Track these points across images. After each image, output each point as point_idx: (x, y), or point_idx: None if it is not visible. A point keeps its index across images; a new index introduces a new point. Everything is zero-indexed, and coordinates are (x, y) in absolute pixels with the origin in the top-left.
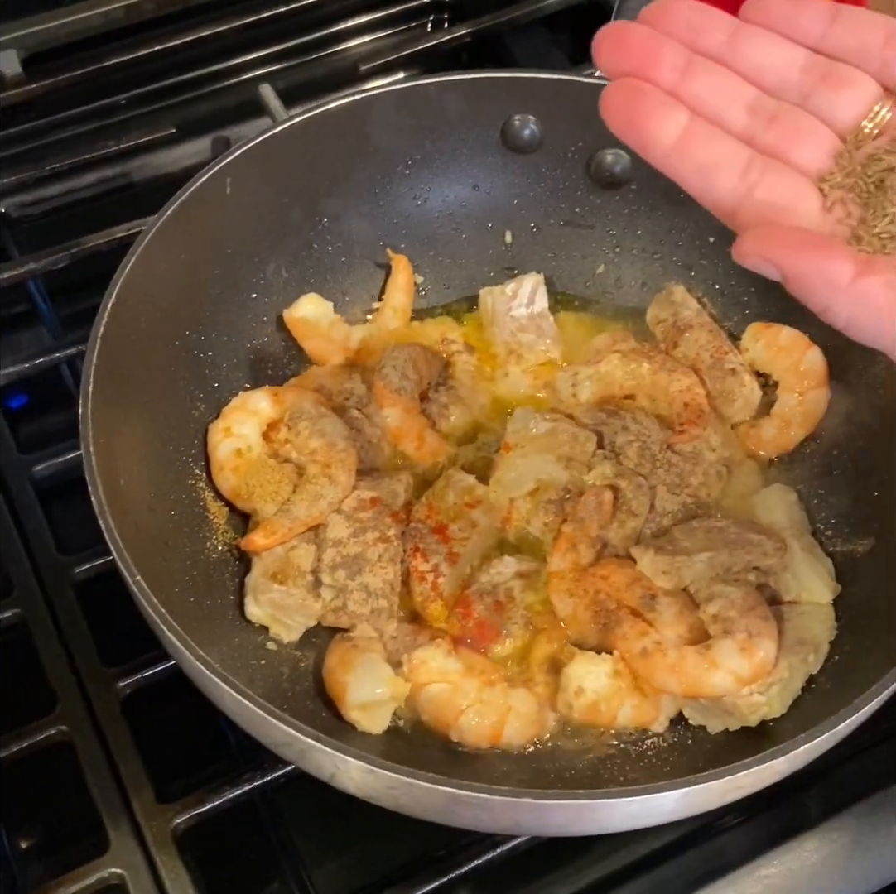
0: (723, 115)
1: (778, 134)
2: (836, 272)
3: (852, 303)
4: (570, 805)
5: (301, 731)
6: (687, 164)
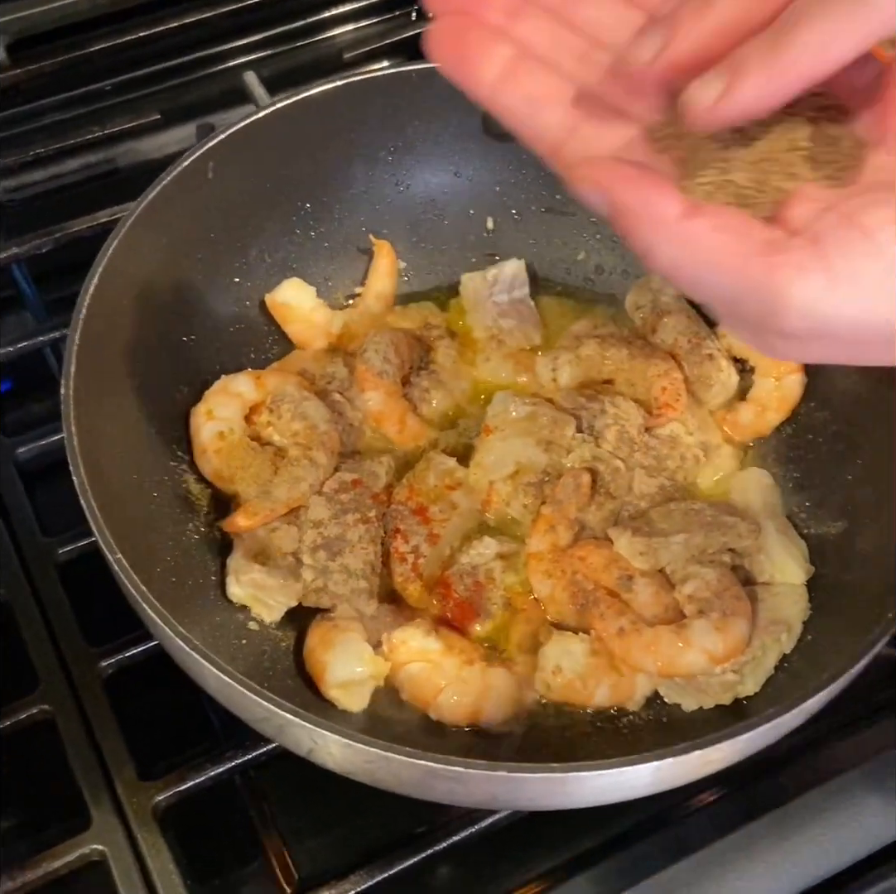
0: (551, 58)
1: (610, 81)
2: (665, 208)
3: (677, 243)
4: (543, 778)
5: (279, 706)
6: (512, 95)
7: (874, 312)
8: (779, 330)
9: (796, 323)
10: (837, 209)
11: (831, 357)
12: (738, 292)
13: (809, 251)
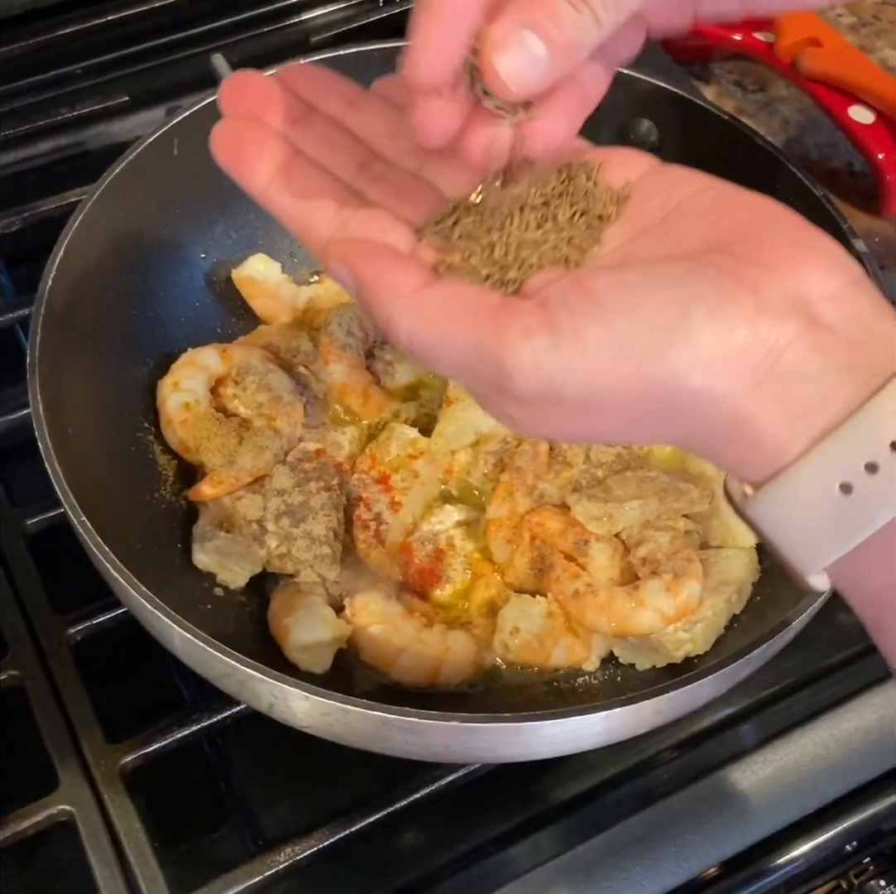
0: (328, 163)
1: (383, 191)
2: (402, 280)
3: (412, 312)
4: (495, 727)
5: (240, 661)
6: (284, 193)
7: (604, 376)
8: (512, 394)
9: (526, 385)
10: (568, 276)
11: (578, 430)
12: (471, 358)
13: (536, 313)
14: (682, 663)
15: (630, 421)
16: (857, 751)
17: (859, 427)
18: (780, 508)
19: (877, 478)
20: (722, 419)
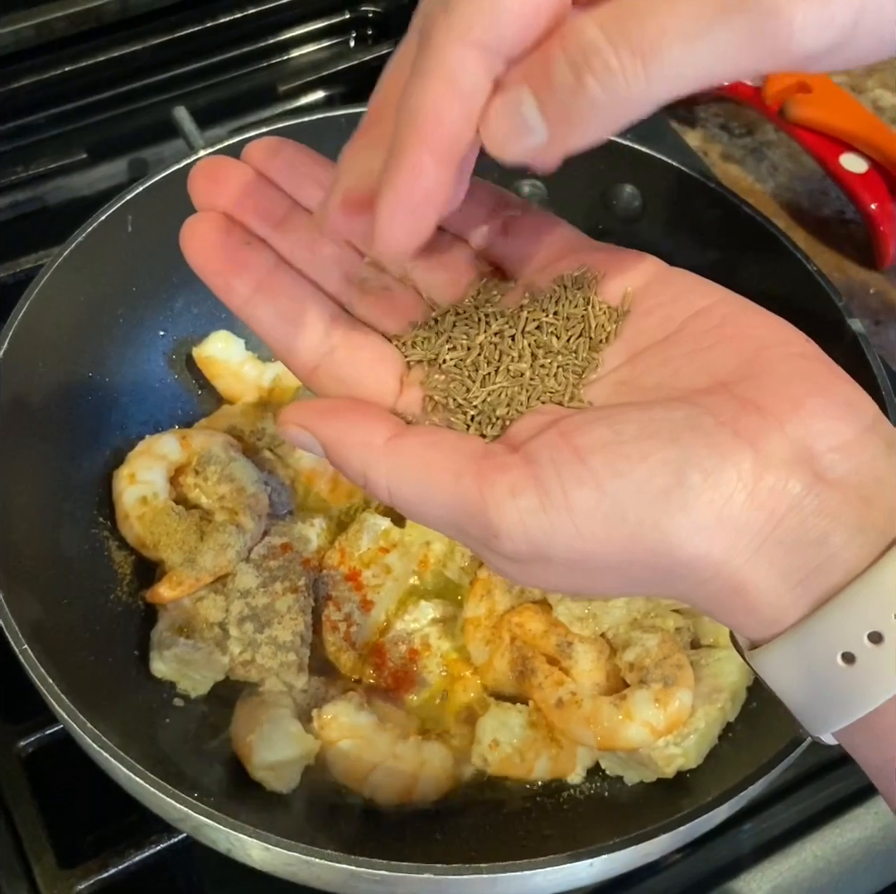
0: (314, 273)
1: (372, 305)
2: (371, 433)
3: (388, 463)
4: (470, 879)
5: (193, 808)
6: (267, 310)
7: (594, 541)
8: (500, 552)
9: (512, 546)
10: (558, 425)
11: (572, 586)
12: (457, 515)
13: (522, 469)
14: (674, 778)
15: (625, 581)
16: (861, 865)
17: (863, 593)
18: (782, 669)
19: (882, 649)
20: (718, 584)
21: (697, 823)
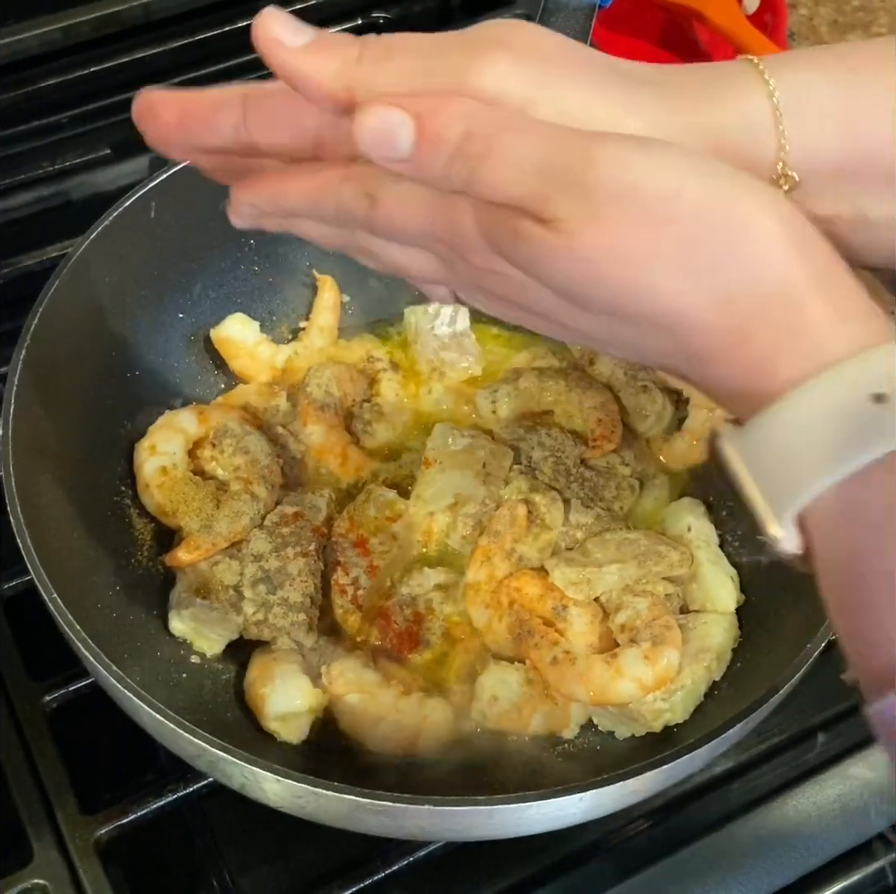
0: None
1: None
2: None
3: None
4: (468, 810)
5: (210, 743)
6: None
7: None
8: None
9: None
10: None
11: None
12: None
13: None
14: (662, 732)
15: (684, 254)
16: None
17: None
18: (785, 427)
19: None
20: (776, 288)
21: (680, 763)
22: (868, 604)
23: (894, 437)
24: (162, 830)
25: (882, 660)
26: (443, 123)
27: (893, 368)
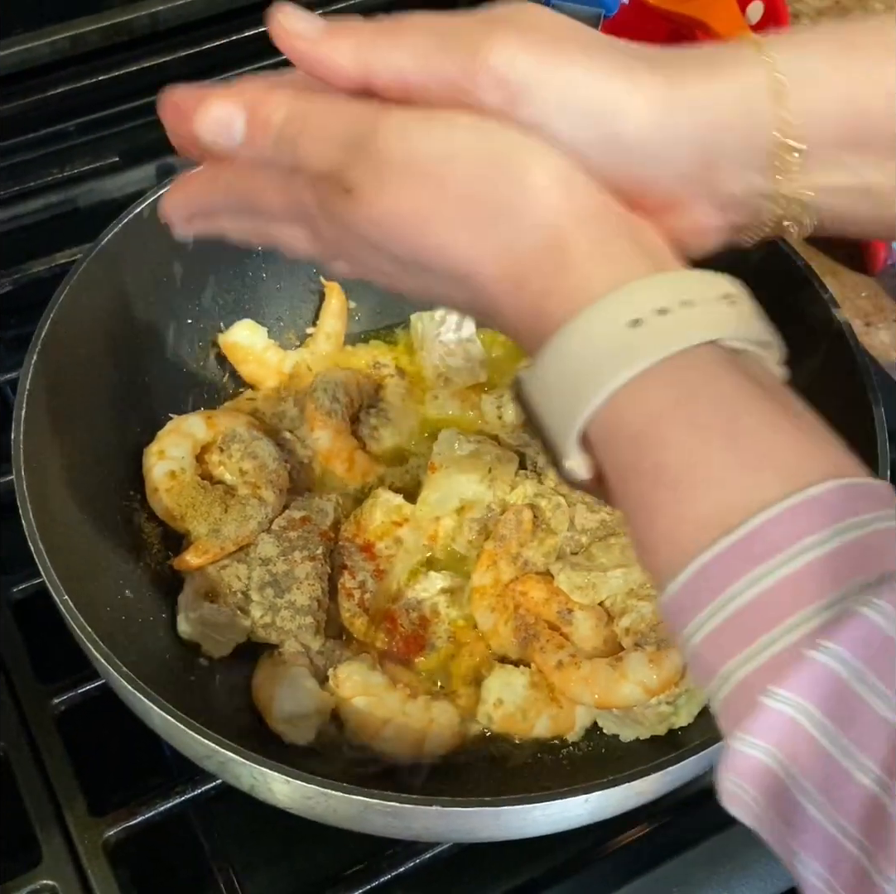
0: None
1: None
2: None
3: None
4: (475, 811)
5: (219, 744)
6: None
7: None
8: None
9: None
10: None
11: (411, 215)
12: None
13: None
14: (667, 735)
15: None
16: None
17: (656, 281)
18: (560, 360)
19: (666, 318)
20: (544, 235)
21: (686, 765)
22: (641, 505)
23: (647, 356)
24: (170, 832)
25: (660, 557)
26: (267, 110)
27: (645, 297)
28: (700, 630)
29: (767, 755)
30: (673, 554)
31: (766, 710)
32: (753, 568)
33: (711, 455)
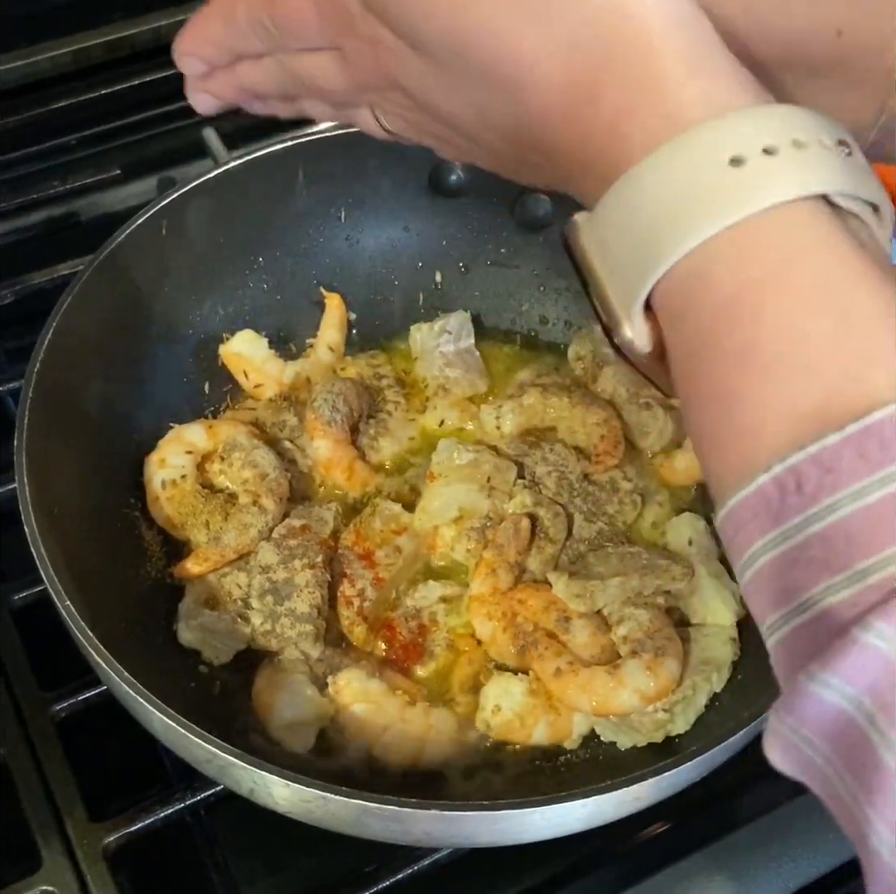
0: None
1: None
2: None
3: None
4: (473, 815)
5: (220, 748)
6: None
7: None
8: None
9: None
10: None
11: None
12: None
13: None
14: (664, 742)
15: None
16: None
17: (764, 112)
18: (636, 201)
19: (774, 159)
20: (627, 34)
21: (682, 770)
22: (719, 389)
23: (749, 203)
24: (169, 838)
25: (734, 453)
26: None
27: (752, 130)
28: (777, 546)
29: (851, 701)
30: (754, 450)
31: (861, 647)
32: (861, 478)
33: (818, 337)
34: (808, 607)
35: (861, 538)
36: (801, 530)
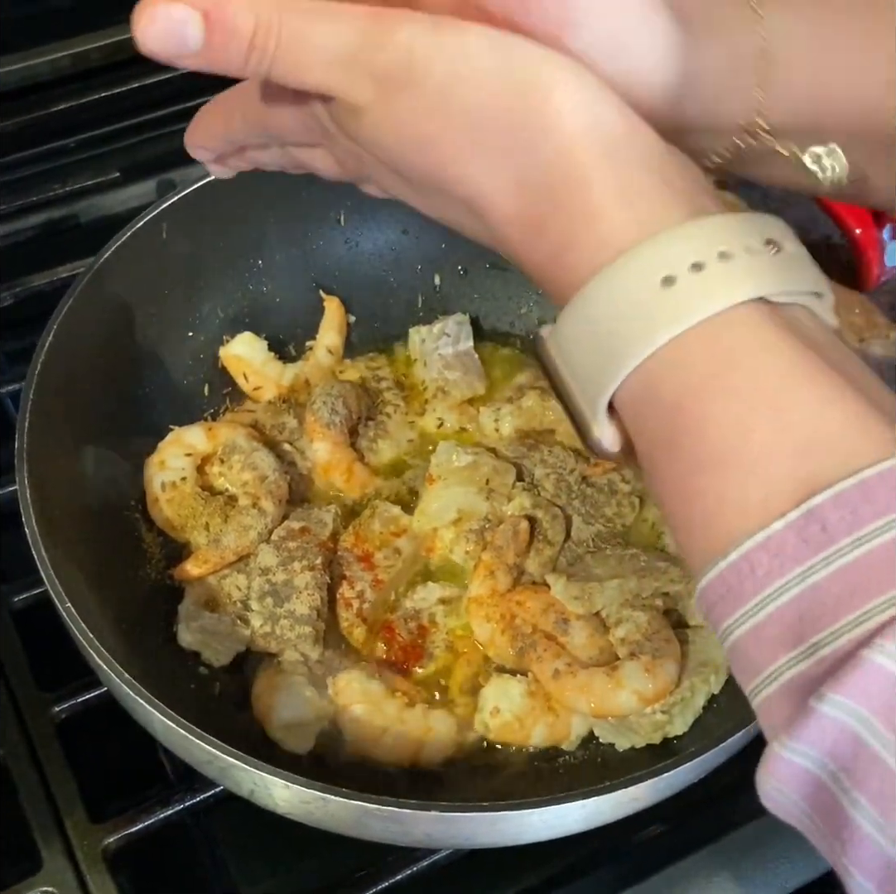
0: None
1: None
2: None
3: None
4: (473, 816)
5: (220, 749)
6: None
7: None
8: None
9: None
10: None
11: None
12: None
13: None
14: (662, 744)
15: (475, 136)
16: None
17: (689, 229)
18: (585, 320)
19: (702, 275)
20: (565, 169)
21: (680, 771)
22: (679, 485)
23: (681, 320)
24: (169, 839)
25: (696, 540)
26: (231, 14)
27: (678, 250)
28: (743, 623)
29: (816, 764)
30: (712, 538)
31: (818, 716)
32: (807, 558)
33: (757, 433)
34: (773, 680)
35: (810, 615)
36: (760, 609)
